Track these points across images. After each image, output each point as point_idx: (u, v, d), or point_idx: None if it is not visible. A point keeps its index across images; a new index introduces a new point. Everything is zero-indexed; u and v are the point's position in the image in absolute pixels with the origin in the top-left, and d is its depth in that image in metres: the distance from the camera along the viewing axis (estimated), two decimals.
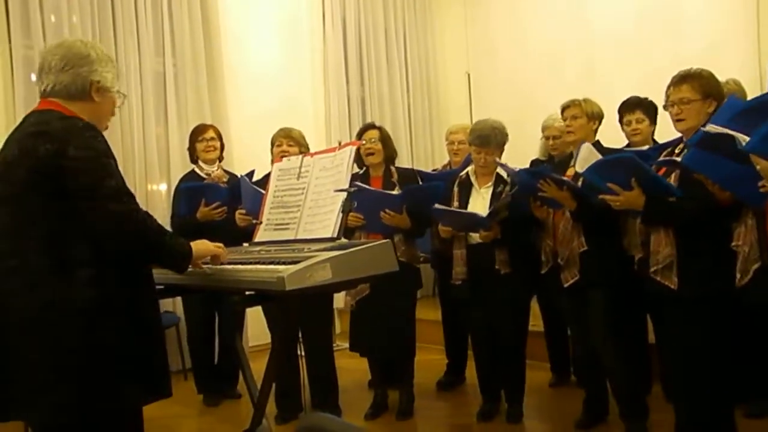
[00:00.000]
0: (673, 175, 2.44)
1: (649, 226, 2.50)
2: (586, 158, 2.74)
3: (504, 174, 3.26)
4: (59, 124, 1.67)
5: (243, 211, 3.41)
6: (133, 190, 1.76)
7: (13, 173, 1.67)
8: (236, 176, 3.90)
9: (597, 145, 3.05)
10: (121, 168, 1.78)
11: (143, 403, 1.71)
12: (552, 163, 3.74)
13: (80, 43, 1.81)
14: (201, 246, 1.89)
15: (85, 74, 1.75)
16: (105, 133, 1.78)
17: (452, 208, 3.26)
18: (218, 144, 4.00)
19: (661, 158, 2.60)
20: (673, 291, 2.41)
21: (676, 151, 2.56)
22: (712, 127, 2.09)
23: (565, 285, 2.98)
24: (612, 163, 2.54)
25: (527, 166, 3.74)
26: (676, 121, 2.52)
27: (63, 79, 1.75)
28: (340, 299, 4.58)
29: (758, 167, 1.95)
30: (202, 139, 3.96)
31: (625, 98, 3.63)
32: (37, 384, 1.58)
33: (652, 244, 2.48)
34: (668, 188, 2.41)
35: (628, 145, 3.59)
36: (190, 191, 3.78)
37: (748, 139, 1.94)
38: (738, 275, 2.23)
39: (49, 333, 1.59)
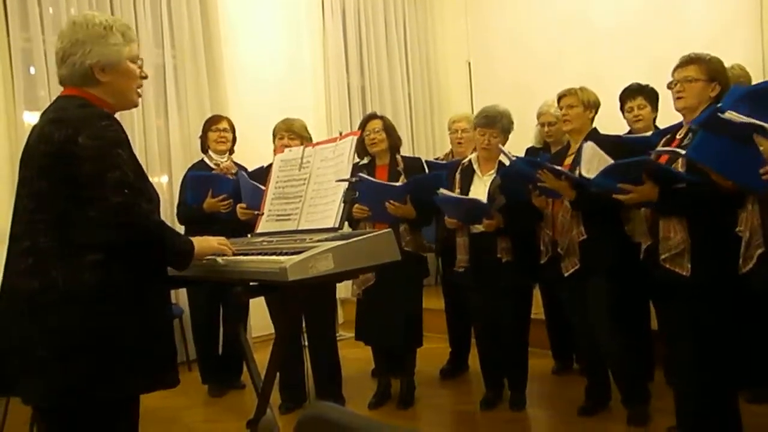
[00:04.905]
0: (680, 161, 2.42)
1: (662, 215, 2.47)
2: (590, 159, 2.70)
3: (506, 161, 3.25)
4: (76, 112, 1.67)
5: (244, 205, 3.41)
6: None
7: (32, 158, 1.70)
8: (245, 169, 3.89)
9: (594, 133, 3.05)
10: None
11: (145, 390, 1.71)
12: (548, 150, 3.74)
13: (71, 26, 1.73)
14: (204, 243, 1.87)
15: (80, 61, 1.71)
16: None
17: (454, 194, 3.27)
18: (230, 136, 3.99)
19: (661, 146, 2.59)
20: (685, 277, 2.38)
21: (678, 136, 2.55)
22: (734, 114, 2.02)
23: (566, 274, 2.98)
24: (623, 165, 2.51)
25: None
26: (677, 99, 2.51)
27: (64, 72, 1.74)
28: (343, 289, 4.60)
29: (761, 148, 1.94)
30: (216, 129, 3.95)
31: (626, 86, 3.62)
32: (36, 364, 1.59)
33: (661, 230, 2.45)
34: (679, 176, 2.39)
35: (629, 132, 3.59)
36: (197, 180, 3.77)
37: None
38: (741, 260, 2.21)
39: (50, 314, 1.60)
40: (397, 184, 3.34)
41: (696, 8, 4.94)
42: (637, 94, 3.54)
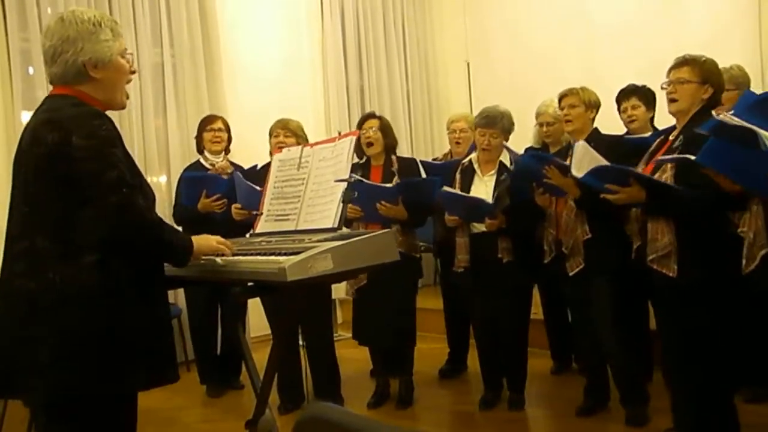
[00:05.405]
0: (668, 165, 2.43)
1: (650, 216, 2.49)
2: (581, 159, 2.70)
3: (507, 161, 3.26)
4: (69, 112, 1.66)
5: (239, 206, 3.41)
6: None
7: (26, 159, 1.69)
8: (242, 168, 3.89)
9: (595, 133, 3.05)
10: None
11: (146, 387, 1.71)
12: (546, 150, 3.74)
13: (60, 23, 1.71)
14: (203, 242, 1.86)
15: (72, 59, 1.70)
16: None
17: (458, 192, 3.27)
18: (225, 135, 3.98)
19: (655, 146, 2.59)
20: (672, 279, 2.40)
21: (671, 137, 2.56)
22: (727, 117, 2.06)
23: (571, 273, 2.98)
24: (608, 169, 2.53)
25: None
26: (670, 101, 2.52)
27: (56, 70, 1.73)
28: (342, 289, 4.60)
29: None
30: (210, 129, 3.95)
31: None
32: (37, 364, 1.59)
33: (650, 232, 2.47)
34: (662, 186, 2.40)
35: (627, 133, 3.60)
36: (191, 181, 3.77)
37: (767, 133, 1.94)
38: (744, 261, 2.22)
39: (50, 315, 1.60)
40: (389, 185, 3.33)
41: (695, 8, 4.95)
42: (631, 95, 3.56)
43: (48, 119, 1.67)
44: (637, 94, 3.54)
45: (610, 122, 3.45)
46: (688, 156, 2.29)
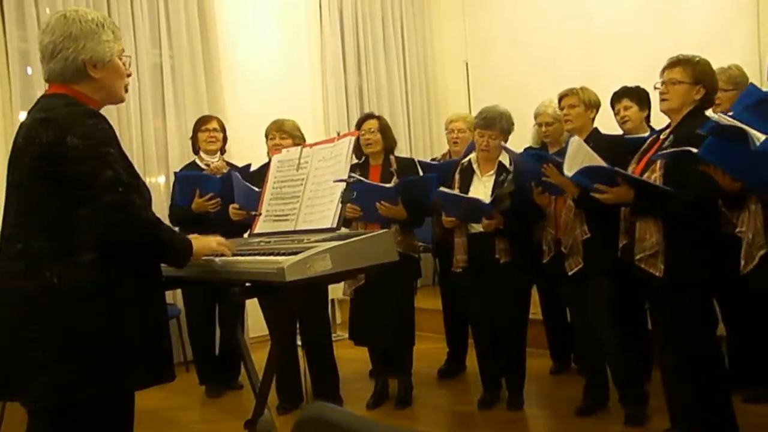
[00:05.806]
0: (658, 163, 2.42)
1: (638, 216, 2.49)
2: (574, 155, 2.69)
3: (506, 162, 3.26)
4: (63, 111, 1.66)
5: (236, 206, 3.41)
6: None
7: (21, 159, 1.69)
8: (237, 168, 3.89)
9: (595, 132, 3.05)
10: None
11: (143, 386, 1.71)
12: (545, 151, 3.74)
13: (62, 20, 1.70)
14: (203, 243, 1.86)
15: (72, 56, 1.69)
16: None
17: (455, 192, 3.27)
18: (220, 135, 3.98)
19: (648, 145, 2.59)
20: (659, 278, 2.41)
21: (661, 137, 2.56)
22: (721, 117, 2.07)
23: (570, 273, 2.98)
24: (596, 169, 2.54)
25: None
26: (660, 100, 2.53)
27: (54, 67, 1.72)
28: (340, 289, 4.61)
29: None
30: (205, 129, 3.95)
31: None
32: (35, 365, 1.59)
33: (637, 231, 2.47)
34: (650, 187, 2.41)
35: (624, 134, 3.60)
36: (184, 180, 3.77)
37: (757, 133, 1.94)
38: (742, 261, 2.21)
39: (48, 314, 1.60)
40: (388, 185, 3.33)
41: (694, 8, 4.95)
42: (623, 96, 3.57)
43: (43, 119, 1.66)
44: (628, 95, 3.56)
45: (610, 122, 3.45)
46: (690, 149, 2.29)
